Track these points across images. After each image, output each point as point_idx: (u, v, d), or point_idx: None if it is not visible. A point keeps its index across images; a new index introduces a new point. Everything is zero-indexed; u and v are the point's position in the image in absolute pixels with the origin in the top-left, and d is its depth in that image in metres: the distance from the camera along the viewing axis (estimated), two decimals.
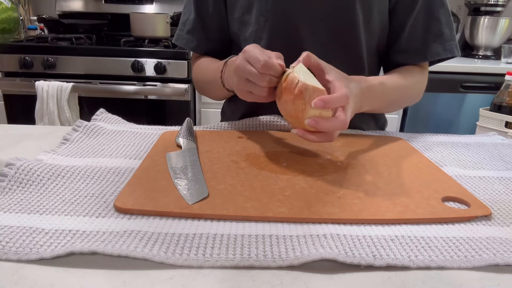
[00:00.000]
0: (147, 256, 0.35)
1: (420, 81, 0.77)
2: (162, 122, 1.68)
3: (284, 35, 0.72)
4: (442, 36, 0.73)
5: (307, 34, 0.72)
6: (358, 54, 0.75)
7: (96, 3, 2.10)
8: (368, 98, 0.63)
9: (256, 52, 0.55)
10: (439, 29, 0.73)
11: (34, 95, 1.63)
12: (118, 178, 0.52)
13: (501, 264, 0.37)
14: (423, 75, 0.78)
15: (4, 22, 1.83)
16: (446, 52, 0.73)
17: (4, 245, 0.36)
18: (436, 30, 0.73)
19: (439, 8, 0.72)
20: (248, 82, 0.57)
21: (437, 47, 0.73)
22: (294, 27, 0.72)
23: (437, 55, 0.73)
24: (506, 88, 1.08)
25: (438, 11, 0.72)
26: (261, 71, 0.54)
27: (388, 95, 0.71)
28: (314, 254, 0.36)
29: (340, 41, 0.73)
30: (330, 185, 0.50)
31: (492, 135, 0.76)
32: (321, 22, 0.71)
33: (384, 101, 0.71)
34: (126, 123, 0.75)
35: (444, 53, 0.73)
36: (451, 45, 0.73)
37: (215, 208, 0.44)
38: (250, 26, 0.75)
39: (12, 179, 0.47)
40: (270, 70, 0.54)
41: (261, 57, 0.54)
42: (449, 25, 0.73)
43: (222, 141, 0.66)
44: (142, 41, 1.79)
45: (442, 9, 0.72)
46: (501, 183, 0.55)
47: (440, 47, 0.73)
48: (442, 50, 0.73)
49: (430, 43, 0.73)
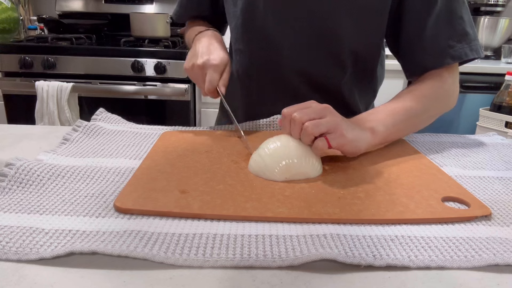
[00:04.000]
0: (147, 256, 0.35)
1: (445, 89, 0.69)
2: (162, 122, 1.69)
3: (259, 36, 0.73)
4: (467, 35, 0.66)
5: (286, 35, 0.71)
6: (339, 57, 0.72)
7: (96, 3, 2.10)
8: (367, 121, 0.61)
9: (197, 74, 0.66)
10: (463, 28, 0.66)
11: (34, 95, 1.63)
12: (118, 178, 0.52)
13: (501, 264, 0.37)
14: (451, 79, 0.69)
15: (4, 22, 1.83)
16: (473, 52, 0.67)
17: (4, 245, 0.36)
18: (461, 29, 0.66)
19: (461, 6, 0.67)
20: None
21: (464, 47, 0.66)
22: (271, 29, 0.71)
23: (465, 55, 0.66)
24: (506, 88, 1.08)
25: (461, 9, 0.66)
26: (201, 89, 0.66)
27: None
28: (314, 254, 0.36)
29: (321, 43, 0.71)
30: (330, 185, 0.50)
31: (492, 135, 0.76)
32: (302, 24, 0.70)
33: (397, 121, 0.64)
34: (126, 123, 0.75)
35: (471, 53, 0.67)
36: (476, 45, 0.67)
37: (215, 208, 0.44)
38: (234, 19, 0.76)
39: (12, 179, 0.47)
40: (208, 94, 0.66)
41: (201, 87, 0.66)
42: (471, 25, 0.68)
43: (222, 141, 0.66)
44: (142, 41, 1.79)
45: (463, 7, 0.67)
46: (501, 183, 0.55)
47: (467, 47, 0.66)
48: (469, 51, 0.66)
49: (456, 43, 0.66)
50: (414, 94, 0.66)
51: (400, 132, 0.65)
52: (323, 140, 0.52)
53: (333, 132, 0.53)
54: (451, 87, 0.69)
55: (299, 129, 0.53)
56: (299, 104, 0.55)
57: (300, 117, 0.52)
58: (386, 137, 0.62)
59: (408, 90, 0.67)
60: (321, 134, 0.53)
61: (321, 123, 0.52)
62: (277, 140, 0.54)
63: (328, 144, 0.52)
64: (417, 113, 0.65)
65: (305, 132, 0.52)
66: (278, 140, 0.54)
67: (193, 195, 0.46)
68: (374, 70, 0.79)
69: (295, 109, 0.53)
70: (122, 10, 2.09)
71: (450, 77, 0.69)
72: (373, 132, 0.59)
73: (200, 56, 0.66)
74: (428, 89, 0.67)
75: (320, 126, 0.52)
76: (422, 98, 0.65)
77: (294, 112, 0.53)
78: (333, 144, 0.53)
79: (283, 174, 0.51)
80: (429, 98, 0.66)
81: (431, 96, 0.67)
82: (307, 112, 0.53)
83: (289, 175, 0.51)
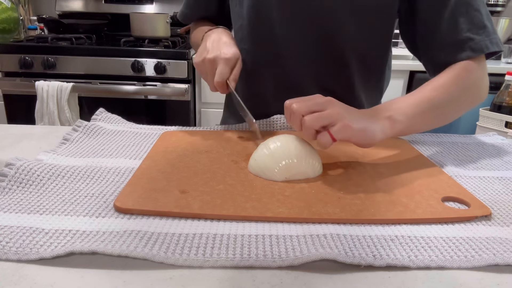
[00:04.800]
0: (147, 256, 0.35)
1: (475, 78, 0.66)
2: (162, 122, 1.69)
3: (264, 36, 0.74)
4: (486, 28, 0.64)
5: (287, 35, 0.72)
6: (344, 56, 0.72)
7: (96, 3, 2.10)
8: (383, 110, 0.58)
9: (207, 68, 0.65)
10: (481, 20, 0.64)
11: (34, 95, 1.63)
12: (118, 178, 0.52)
13: (501, 264, 0.37)
14: (479, 70, 0.66)
15: (4, 22, 1.83)
16: (493, 45, 0.64)
17: (4, 245, 0.36)
18: (479, 22, 0.64)
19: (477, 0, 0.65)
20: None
21: (484, 40, 0.64)
22: (276, 27, 0.72)
23: (486, 48, 0.64)
24: (506, 88, 1.08)
25: (477, 2, 0.64)
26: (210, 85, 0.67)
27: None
28: (314, 254, 0.36)
29: (326, 42, 0.71)
30: (330, 185, 0.50)
31: (492, 135, 0.76)
32: (307, 23, 0.70)
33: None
34: (126, 123, 0.75)
35: (492, 46, 0.64)
36: (496, 39, 0.64)
37: (215, 208, 0.44)
38: (239, 19, 0.76)
39: (12, 179, 0.47)
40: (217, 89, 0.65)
41: (210, 81, 0.65)
42: (489, 18, 0.65)
43: (222, 141, 0.66)
44: (142, 41, 1.79)
45: (479, 0, 0.65)
46: (501, 183, 0.55)
47: (487, 40, 0.64)
48: (490, 43, 0.64)
49: (476, 35, 0.64)
50: (437, 84, 0.63)
51: (425, 122, 0.61)
52: (326, 134, 0.49)
53: (336, 124, 0.50)
54: (479, 79, 0.66)
55: (299, 122, 0.51)
56: (303, 97, 0.53)
57: (299, 109, 0.50)
58: (408, 127, 0.58)
59: (431, 81, 0.64)
60: (323, 127, 0.50)
61: (322, 115, 0.50)
62: (277, 140, 0.54)
63: (332, 138, 0.50)
64: (441, 103, 0.61)
65: (305, 126, 0.50)
66: (278, 140, 0.54)
67: (193, 195, 0.46)
68: (382, 70, 0.79)
69: (295, 101, 0.52)
70: (122, 10, 2.09)
71: (478, 69, 0.65)
72: (391, 120, 0.55)
73: (211, 51, 0.65)
74: (453, 80, 0.63)
75: (320, 119, 0.49)
76: (447, 88, 0.62)
77: (294, 103, 0.51)
78: (337, 137, 0.50)
79: (283, 174, 0.51)
80: (455, 88, 0.62)
81: (457, 86, 0.63)
82: (308, 104, 0.51)
83: (289, 175, 0.51)
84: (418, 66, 1.73)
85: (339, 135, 0.50)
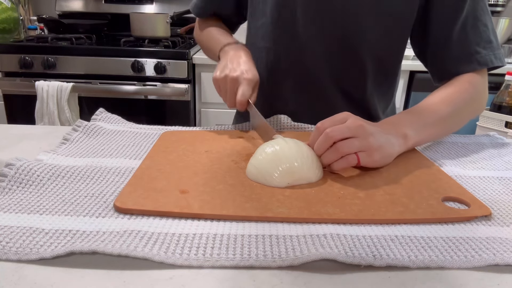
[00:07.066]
0: (147, 256, 0.35)
1: (474, 92, 0.69)
2: (162, 122, 1.69)
3: (287, 36, 0.75)
4: (492, 43, 0.69)
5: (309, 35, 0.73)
6: (361, 59, 0.73)
7: (96, 3, 2.10)
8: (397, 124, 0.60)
9: (229, 85, 0.67)
10: (488, 35, 0.68)
11: (34, 95, 1.63)
12: (118, 178, 0.52)
13: (501, 264, 0.37)
14: (482, 83, 0.70)
15: (4, 22, 1.83)
16: (497, 60, 0.68)
17: (4, 245, 0.36)
18: (486, 36, 0.68)
19: (486, 14, 0.69)
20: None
21: (489, 54, 0.68)
22: (299, 28, 0.72)
23: (491, 62, 0.68)
24: (506, 88, 1.08)
25: (485, 17, 0.68)
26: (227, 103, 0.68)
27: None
28: (314, 254, 0.36)
29: (345, 44, 0.72)
30: (330, 185, 0.50)
31: (492, 135, 0.76)
32: (328, 23, 0.71)
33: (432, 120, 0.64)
34: (126, 123, 0.75)
35: (496, 61, 0.68)
36: (499, 54, 0.69)
37: (215, 208, 0.44)
38: (262, 17, 0.76)
39: (12, 179, 0.47)
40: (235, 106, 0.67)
41: (229, 98, 0.67)
42: (494, 34, 0.70)
43: (222, 141, 0.66)
44: (142, 41, 1.79)
45: (487, 15, 0.69)
46: (501, 183, 0.55)
47: (492, 54, 0.68)
48: (494, 58, 0.68)
49: (482, 49, 0.68)
50: (444, 97, 0.66)
51: (432, 135, 0.64)
52: (354, 156, 0.52)
53: (365, 151, 0.53)
54: (482, 91, 0.70)
55: (328, 146, 0.52)
56: (334, 117, 0.54)
57: (332, 135, 0.52)
58: (418, 142, 0.62)
59: (437, 93, 0.67)
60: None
61: (354, 143, 0.52)
62: (275, 144, 0.53)
63: (358, 161, 0.52)
64: (448, 116, 0.64)
65: (336, 150, 0.52)
66: (277, 144, 0.53)
67: (193, 195, 0.46)
68: (395, 75, 0.81)
69: (329, 124, 0.53)
70: (122, 10, 2.09)
71: (481, 82, 0.69)
72: (406, 138, 0.59)
73: (233, 69, 0.67)
74: (458, 93, 0.67)
75: (353, 147, 0.52)
76: (453, 101, 0.65)
77: (328, 128, 0.52)
78: (362, 163, 0.53)
79: (285, 180, 0.50)
80: (460, 101, 0.66)
81: (462, 99, 0.66)
82: (341, 129, 0.52)
83: (291, 180, 0.50)
84: (418, 66, 1.73)
85: (364, 161, 0.53)
